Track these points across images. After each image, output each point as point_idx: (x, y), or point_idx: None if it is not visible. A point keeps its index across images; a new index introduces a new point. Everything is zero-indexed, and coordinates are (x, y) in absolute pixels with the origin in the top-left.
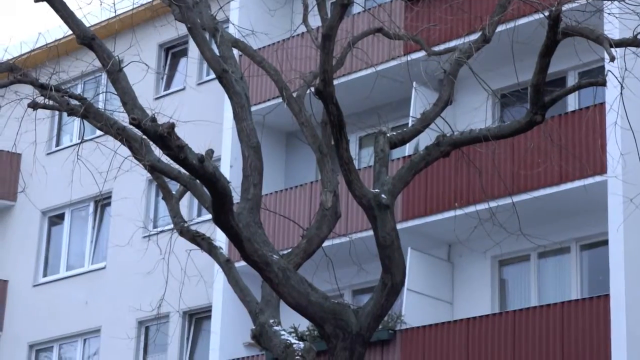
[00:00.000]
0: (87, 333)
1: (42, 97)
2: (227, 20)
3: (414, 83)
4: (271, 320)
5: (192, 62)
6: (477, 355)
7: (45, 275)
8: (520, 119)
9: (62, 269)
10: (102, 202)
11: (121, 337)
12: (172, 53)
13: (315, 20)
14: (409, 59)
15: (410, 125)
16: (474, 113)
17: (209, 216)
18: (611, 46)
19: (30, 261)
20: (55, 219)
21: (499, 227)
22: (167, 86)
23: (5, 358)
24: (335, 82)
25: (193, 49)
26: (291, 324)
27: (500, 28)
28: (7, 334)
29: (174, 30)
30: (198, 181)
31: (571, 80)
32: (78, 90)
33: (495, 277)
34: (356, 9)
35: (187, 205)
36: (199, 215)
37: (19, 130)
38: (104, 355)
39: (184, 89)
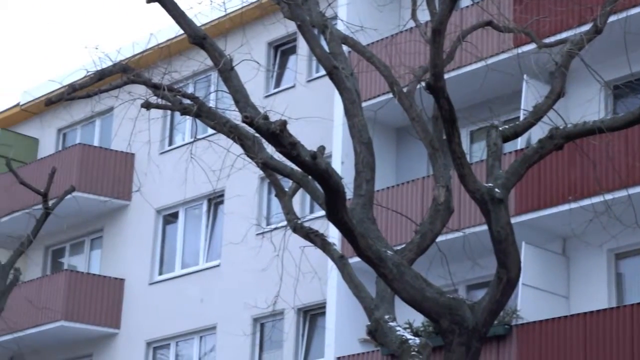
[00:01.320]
0: (203, 330)
1: (155, 97)
2: (336, 17)
3: (525, 76)
4: (386, 316)
5: (301, 59)
6: (595, 350)
7: (160, 273)
8: (634, 110)
9: (177, 267)
10: (216, 200)
11: (237, 334)
12: (281, 51)
13: (423, 15)
14: (519, 51)
15: (522, 118)
16: (587, 105)
17: (322, 213)
18: None
19: (146, 260)
20: (170, 217)
21: (614, 220)
22: (277, 84)
23: (124, 356)
24: (445, 76)
25: (302, 46)
26: (405, 319)
27: (612, 18)
28: (124, 332)
29: (283, 28)
30: (311, 178)
31: None
32: (189, 90)
33: (612, 271)
34: (465, 2)
35: (300, 202)
36: (312, 212)
37: (133, 130)
38: (220, 352)
39: (294, 86)
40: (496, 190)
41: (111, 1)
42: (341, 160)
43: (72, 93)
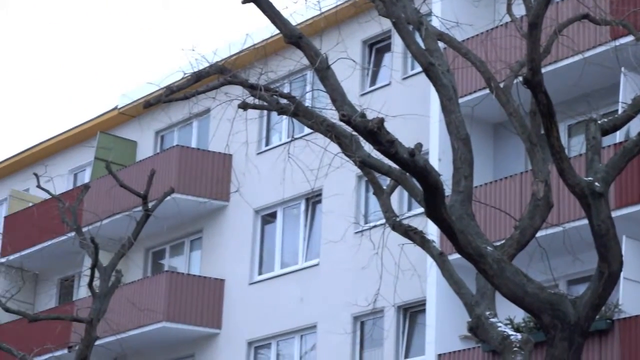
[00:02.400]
0: (303, 329)
1: (251, 98)
2: (430, 14)
3: (623, 68)
4: (487, 312)
5: (396, 56)
6: None
7: (260, 273)
8: None
9: (277, 266)
10: (314, 199)
11: (337, 332)
12: (376, 49)
13: (519, 9)
14: (616, 44)
15: (620, 111)
16: None
17: (420, 210)
18: None
19: (245, 260)
20: (268, 217)
21: None
22: (373, 82)
23: (225, 356)
24: (542, 70)
25: (397, 43)
26: (506, 315)
27: None
28: (225, 332)
29: (377, 26)
30: (409, 175)
31: None
32: (285, 90)
33: None
34: None
35: (398, 199)
36: (410, 209)
37: (230, 131)
38: (320, 351)
39: (389, 84)
40: (596, 184)
41: (207, 2)
42: (438, 157)
43: (170, 95)
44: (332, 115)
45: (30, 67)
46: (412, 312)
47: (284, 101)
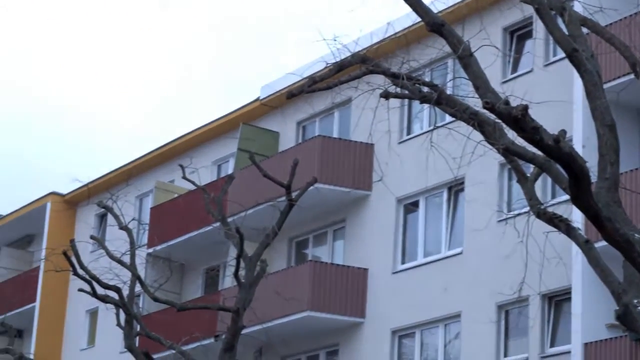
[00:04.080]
0: (447, 318)
1: (393, 86)
2: None
3: None
4: (635, 301)
5: (538, 43)
6: None
7: (403, 262)
8: None
9: (420, 255)
10: (456, 187)
11: (482, 321)
12: (517, 36)
13: None
14: None
15: None
16: None
17: (565, 197)
18: None
19: (388, 249)
20: (410, 206)
21: None
22: (514, 69)
23: (370, 345)
24: None
25: (538, 29)
26: None
27: None
28: (369, 321)
29: (518, 12)
30: (553, 162)
31: None
32: (426, 78)
33: None
34: None
35: (541, 187)
36: (554, 196)
37: (373, 120)
38: (465, 340)
39: (531, 70)
40: None
41: None
42: (582, 144)
43: (313, 85)
44: (474, 103)
45: (176, 60)
46: (558, 301)
47: (426, 89)
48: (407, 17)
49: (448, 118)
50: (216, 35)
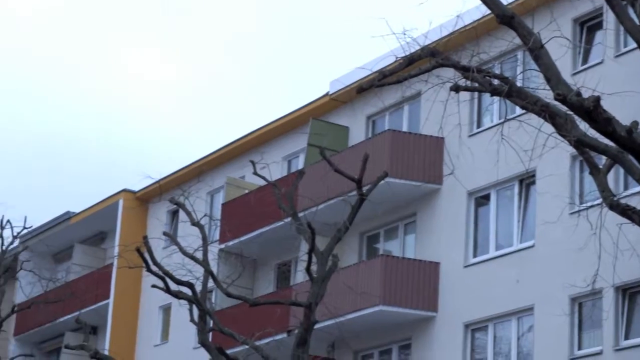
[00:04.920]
0: (520, 311)
1: (463, 80)
2: None
3: None
4: None
5: (609, 34)
6: None
7: (475, 255)
8: None
9: (492, 248)
10: (527, 180)
11: (555, 314)
12: (588, 27)
13: None
14: None
15: None
16: None
17: (639, 188)
18: None
19: (460, 242)
20: (481, 199)
21: None
22: (585, 61)
23: (442, 338)
24: None
25: (609, 20)
26: None
27: None
28: (442, 315)
29: (588, 3)
30: (626, 153)
31: None
32: (495, 71)
33: None
34: None
35: (614, 178)
36: (626, 188)
37: (443, 113)
38: (538, 333)
39: (602, 62)
40: None
41: None
42: None
43: (383, 79)
44: (545, 95)
45: (245, 56)
46: (632, 293)
47: (496, 82)
48: (476, 10)
49: (518, 110)
50: (284, 30)
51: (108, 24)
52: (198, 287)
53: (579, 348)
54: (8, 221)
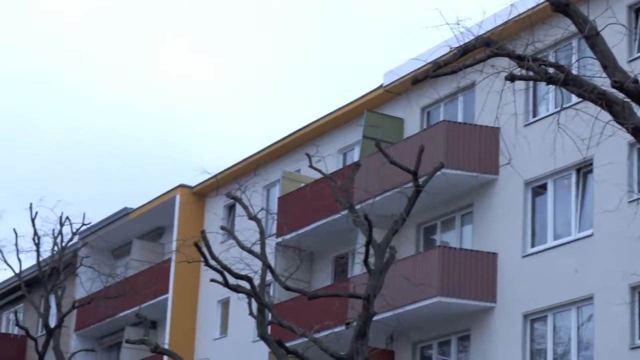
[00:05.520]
0: (579, 301)
1: (518, 69)
2: None
3: None
4: None
5: None
6: None
7: (533, 245)
8: None
9: (549, 238)
10: (584, 169)
11: (615, 303)
12: None
13: None
14: None
15: None
16: None
17: None
18: None
19: (517, 233)
20: (538, 189)
21: None
22: None
23: (501, 329)
24: None
25: None
26: None
27: None
28: (500, 306)
29: None
30: None
31: None
32: (551, 59)
33: None
34: None
35: None
36: None
37: (499, 103)
38: (598, 323)
39: None
40: None
41: None
42: None
43: (437, 70)
44: (601, 82)
45: (298, 48)
46: None
47: (552, 71)
48: None
49: (575, 99)
50: (338, 23)
51: (155, 24)
52: (256, 281)
53: None
54: (67, 218)
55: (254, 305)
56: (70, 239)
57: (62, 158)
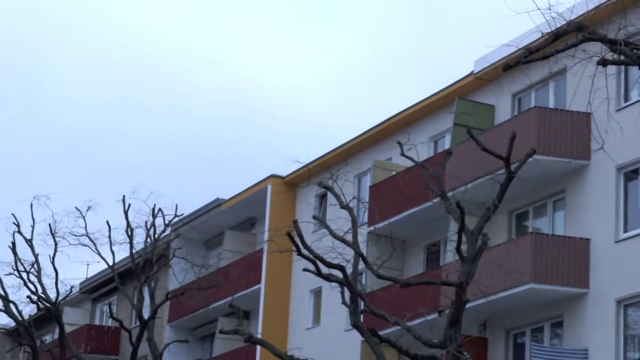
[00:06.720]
0: None
1: (611, 53)
2: None
3: None
4: None
5: None
6: None
7: (625, 230)
8: None
9: None
10: None
11: None
12: None
13: None
14: None
15: None
16: None
17: None
18: None
19: (610, 218)
20: (631, 174)
21: None
22: None
23: (594, 315)
24: None
25: None
26: None
27: None
28: (593, 292)
29: None
30: None
31: None
32: None
33: None
34: None
35: None
36: None
37: (591, 88)
38: None
39: None
40: None
41: None
42: None
43: (529, 56)
44: None
45: (388, 37)
46: None
47: None
48: None
49: None
50: (428, 10)
51: (248, 17)
52: (348, 270)
53: None
54: (160, 210)
55: (347, 294)
56: (163, 231)
57: (155, 150)
